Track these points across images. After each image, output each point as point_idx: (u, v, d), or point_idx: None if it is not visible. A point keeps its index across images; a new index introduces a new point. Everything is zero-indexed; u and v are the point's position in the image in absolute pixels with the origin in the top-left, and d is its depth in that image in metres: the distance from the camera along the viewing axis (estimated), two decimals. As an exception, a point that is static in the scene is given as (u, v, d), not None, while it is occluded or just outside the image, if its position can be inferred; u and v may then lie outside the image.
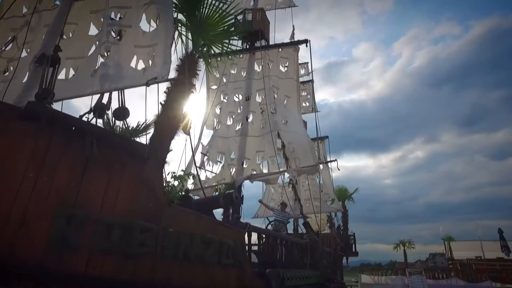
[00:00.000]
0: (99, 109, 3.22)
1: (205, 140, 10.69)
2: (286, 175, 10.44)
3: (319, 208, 11.43)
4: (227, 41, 5.28)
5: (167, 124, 4.28)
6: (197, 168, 4.12)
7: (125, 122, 3.38)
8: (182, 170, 4.29)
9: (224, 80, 11.28)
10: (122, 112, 3.42)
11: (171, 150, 4.31)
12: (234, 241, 3.85)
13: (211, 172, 9.74)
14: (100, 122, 3.64)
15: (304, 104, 16.93)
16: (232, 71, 11.42)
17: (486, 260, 24.89)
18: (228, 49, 5.51)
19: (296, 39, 12.29)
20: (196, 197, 5.87)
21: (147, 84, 3.47)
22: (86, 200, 2.76)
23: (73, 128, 2.90)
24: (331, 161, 12.01)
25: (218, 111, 10.95)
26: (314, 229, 13.02)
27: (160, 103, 4.40)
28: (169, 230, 3.14)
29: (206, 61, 5.13)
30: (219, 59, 11.32)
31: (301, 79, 17.94)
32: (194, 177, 4.41)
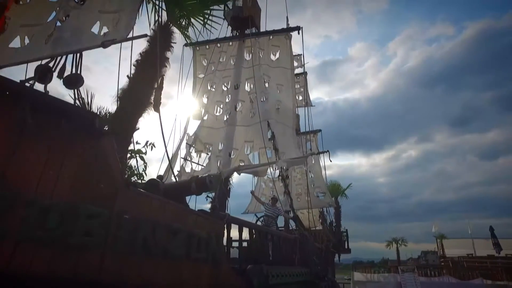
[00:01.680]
0: (40, 72, 2.69)
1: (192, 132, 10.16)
2: (277, 169, 9.96)
3: (310, 203, 10.98)
4: (207, 12, 4.75)
5: (134, 99, 3.77)
6: (168, 153, 3.61)
7: (77, 91, 2.84)
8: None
9: (212, 68, 10.75)
10: (74, 79, 2.89)
11: (138, 128, 3.81)
12: (208, 232, 3.35)
13: (197, 164, 9.23)
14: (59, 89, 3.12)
15: (297, 98, 16.44)
16: (221, 59, 10.88)
17: (477, 257, 24.96)
18: (209, 22, 4.98)
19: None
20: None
21: (104, 45, 2.95)
22: (15, 178, 2.24)
23: (6, 92, 2.38)
24: (323, 152, 11.51)
25: (205, 100, 10.42)
26: (306, 225, 12.58)
27: (127, 76, 3.89)
28: (125, 216, 2.62)
29: (183, 33, 4.60)
30: (207, 45, 10.83)
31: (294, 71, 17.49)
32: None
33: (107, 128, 2.77)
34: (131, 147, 3.83)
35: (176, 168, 9.18)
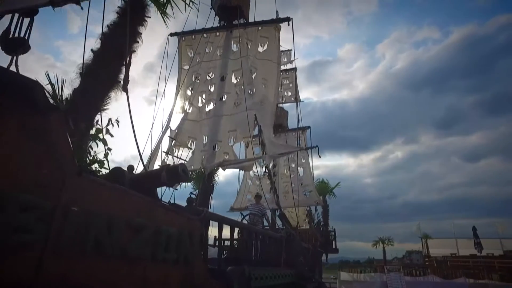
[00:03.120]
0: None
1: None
2: (264, 164, 9.55)
3: (297, 201, 10.62)
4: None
5: (98, 76, 3.28)
6: (136, 137, 3.13)
7: (15, 58, 2.34)
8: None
9: (198, 60, 10.25)
10: (15, 43, 2.40)
11: (104, 109, 3.32)
12: (180, 229, 2.91)
13: (179, 158, 8.73)
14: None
15: (286, 93, 16.12)
16: (207, 50, 10.40)
17: (461, 257, 25.38)
18: (192, 4, 4.52)
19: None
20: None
21: (52, 3, 2.46)
22: None
23: None
24: (312, 148, 11.18)
25: (189, 92, 9.91)
26: (292, 224, 12.24)
27: (91, 50, 3.39)
28: (73, 209, 2.16)
29: (157, 6, 4.11)
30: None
31: (283, 67, 17.10)
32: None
33: (47, 100, 2.24)
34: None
35: (158, 163, 8.67)
